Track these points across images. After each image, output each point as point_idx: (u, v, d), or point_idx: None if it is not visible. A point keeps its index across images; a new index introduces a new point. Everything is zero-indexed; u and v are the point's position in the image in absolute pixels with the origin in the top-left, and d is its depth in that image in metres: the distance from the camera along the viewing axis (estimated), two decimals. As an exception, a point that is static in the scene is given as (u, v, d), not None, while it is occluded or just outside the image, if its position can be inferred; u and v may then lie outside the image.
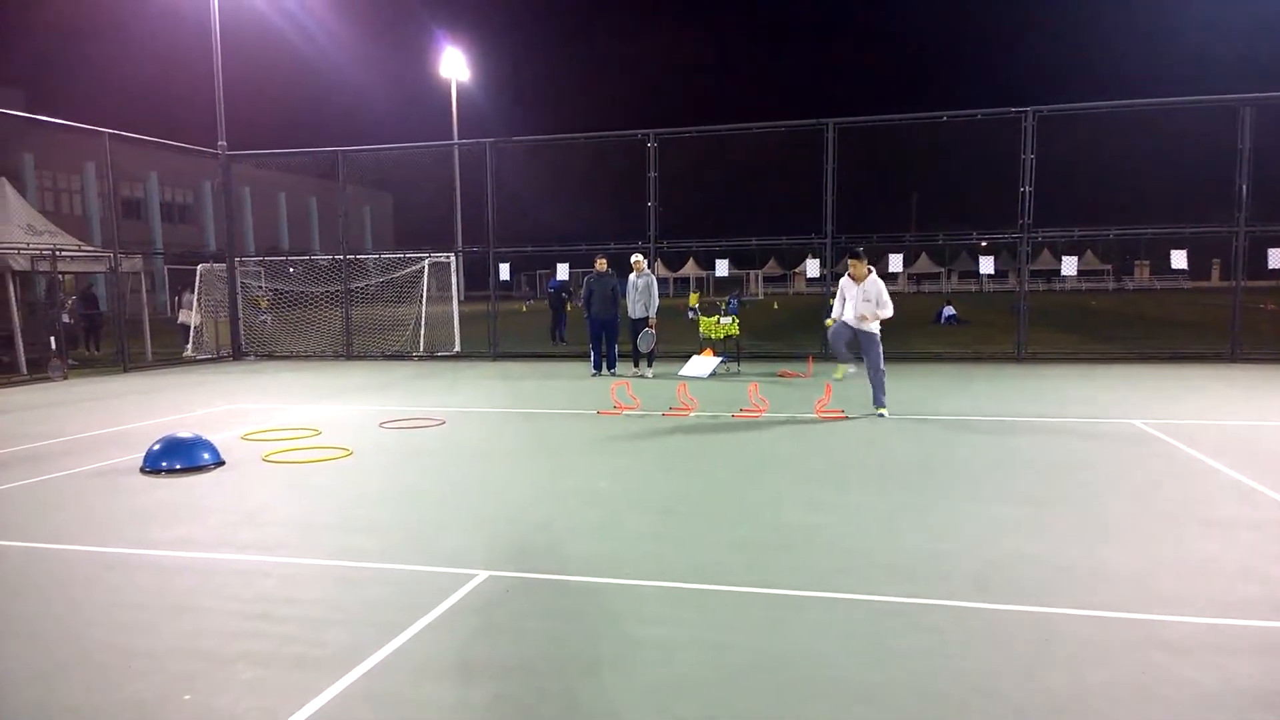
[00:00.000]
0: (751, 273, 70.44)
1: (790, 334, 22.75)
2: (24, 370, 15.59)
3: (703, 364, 14.19)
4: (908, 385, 12.46)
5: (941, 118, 15.73)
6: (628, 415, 10.07)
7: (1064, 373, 13.69)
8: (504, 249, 17.81)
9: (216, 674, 3.49)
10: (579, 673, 3.45)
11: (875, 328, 9.82)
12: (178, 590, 4.48)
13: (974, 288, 64.58)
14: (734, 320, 14.73)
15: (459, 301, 19.61)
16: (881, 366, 9.87)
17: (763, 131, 16.89)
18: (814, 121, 15.95)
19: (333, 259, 19.54)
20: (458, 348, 18.82)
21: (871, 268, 10.01)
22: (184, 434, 7.66)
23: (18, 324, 16.09)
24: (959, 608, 4.04)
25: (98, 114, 17.24)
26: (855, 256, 9.96)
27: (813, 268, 16.88)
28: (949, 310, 27.81)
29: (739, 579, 4.45)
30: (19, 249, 15.74)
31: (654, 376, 13.80)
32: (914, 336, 22.13)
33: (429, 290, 19.29)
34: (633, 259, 14.13)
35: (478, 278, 19.85)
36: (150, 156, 44.44)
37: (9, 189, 17.49)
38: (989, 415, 9.69)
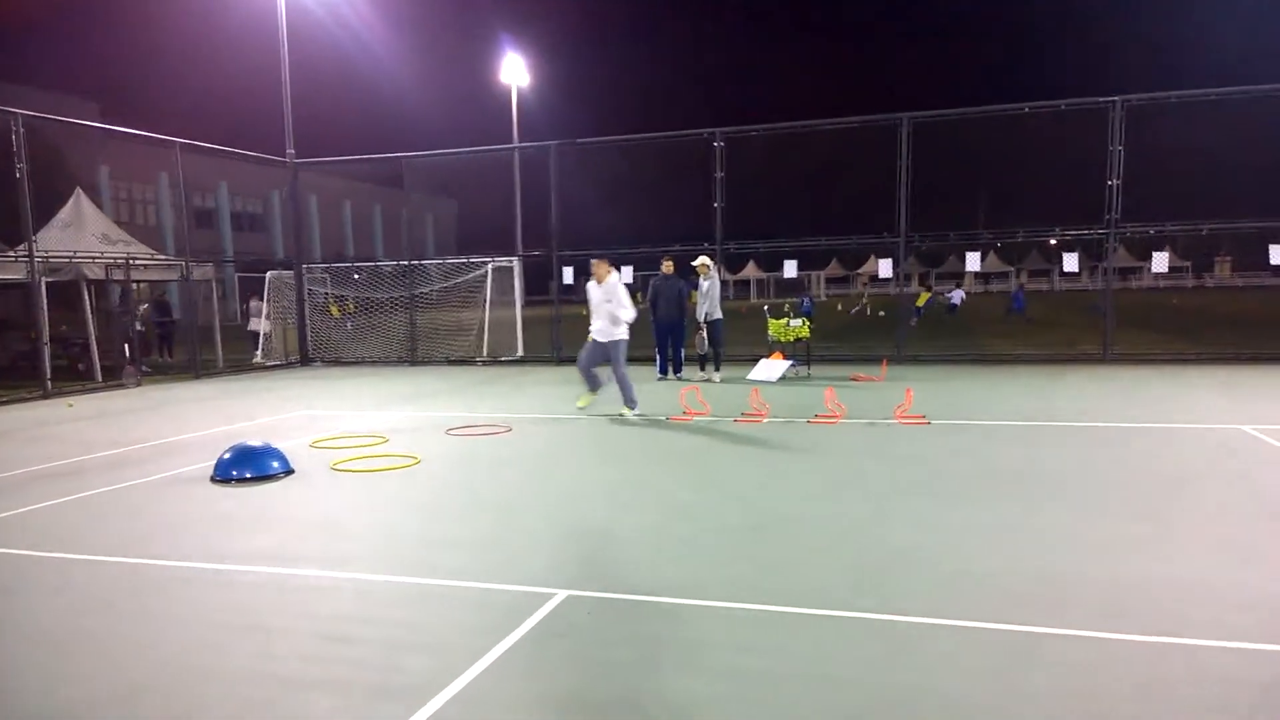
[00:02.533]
0: (814, 274, 69.58)
1: (861, 336, 22.19)
2: (99, 377, 15.90)
3: (772, 367, 13.81)
4: (990, 389, 11.91)
5: (1023, 109, 15.09)
6: (698, 421, 9.76)
7: (1155, 374, 12.96)
8: (567, 252, 17.66)
9: (292, 700, 3.29)
10: (676, 708, 3.14)
11: (622, 333, 10.10)
12: (250, 607, 4.31)
13: (1044, 287, 62.72)
14: (804, 322, 14.31)
15: (521, 306, 19.52)
16: (624, 368, 10.16)
17: (832, 129, 16.40)
18: (888, 116, 15.44)
19: (396, 265, 19.63)
20: (520, 352, 18.72)
21: (613, 269, 10.24)
22: (254, 442, 7.58)
23: (93, 331, 16.45)
24: (1094, 639, 3.62)
25: (169, 126, 17.64)
26: (598, 259, 10.25)
27: (885, 267, 16.34)
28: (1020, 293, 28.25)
29: (843, 603, 4.10)
30: (94, 258, 16.08)
31: (722, 381, 13.47)
32: (990, 337, 21.39)
33: (492, 295, 19.25)
34: (696, 263, 13.82)
35: (538, 282, 19.76)
36: (220, 167, 45.58)
37: (84, 200, 17.96)
38: (1082, 420, 9.13)
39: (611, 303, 9.98)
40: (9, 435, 10.30)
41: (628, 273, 18.19)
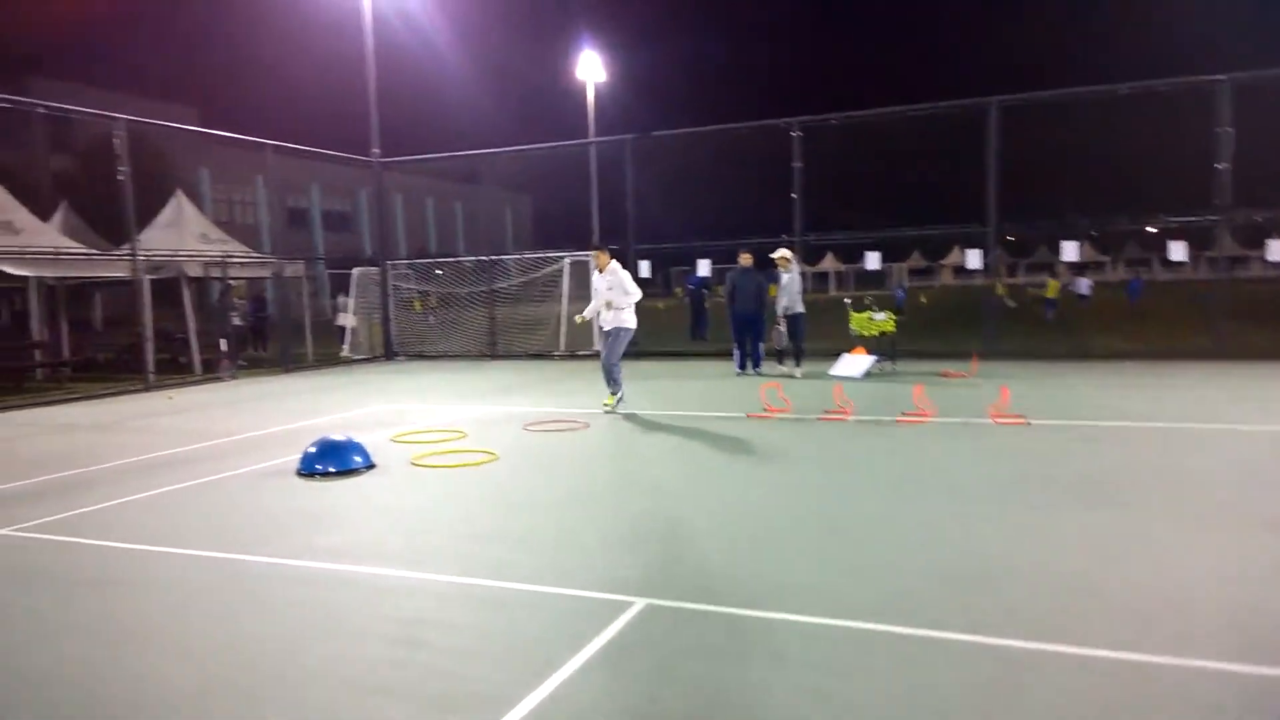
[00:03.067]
0: (895, 265, 67.98)
1: (948, 330, 21.47)
2: (198, 371, 16.51)
3: (856, 363, 13.41)
4: (1092, 386, 11.29)
5: (1121, 90, 14.27)
6: (780, 418, 9.51)
7: (1273, 371, 12.10)
8: (644, 245, 17.53)
9: (360, 706, 3.22)
10: (760, 732, 2.96)
11: (629, 320, 10.22)
12: (326, 606, 4.28)
13: (1144, 277, 59.80)
14: (889, 316, 13.86)
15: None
16: (617, 361, 10.28)
17: (914, 115, 15.83)
18: (976, 100, 14.82)
19: (477, 260, 19.85)
20: (597, 346, 18.68)
21: (614, 259, 10.35)
22: (337, 437, 7.67)
23: (192, 327, 17.08)
24: (1235, 674, 3.24)
25: (263, 131, 18.23)
26: (597, 247, 10.43)
27: (973, 258, 15.70)
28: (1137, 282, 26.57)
29: (940, 620, 3.82)
30: (193, 256, 16.67)
31: (803, 376, 13.15)
32: (1089, 330, 20.43)
33: (569, 289, 19.27)
34: (775, 255, 13.54)
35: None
36: (312, 169, 47.01)
37: (185, 201, 18.64)
38: (1196, 422, 8.54)
39: (614, 290, 10.12)
40: (112, 427, 10.72)
41: (704, 265, 18.02)
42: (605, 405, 10.40)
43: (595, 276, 10.40)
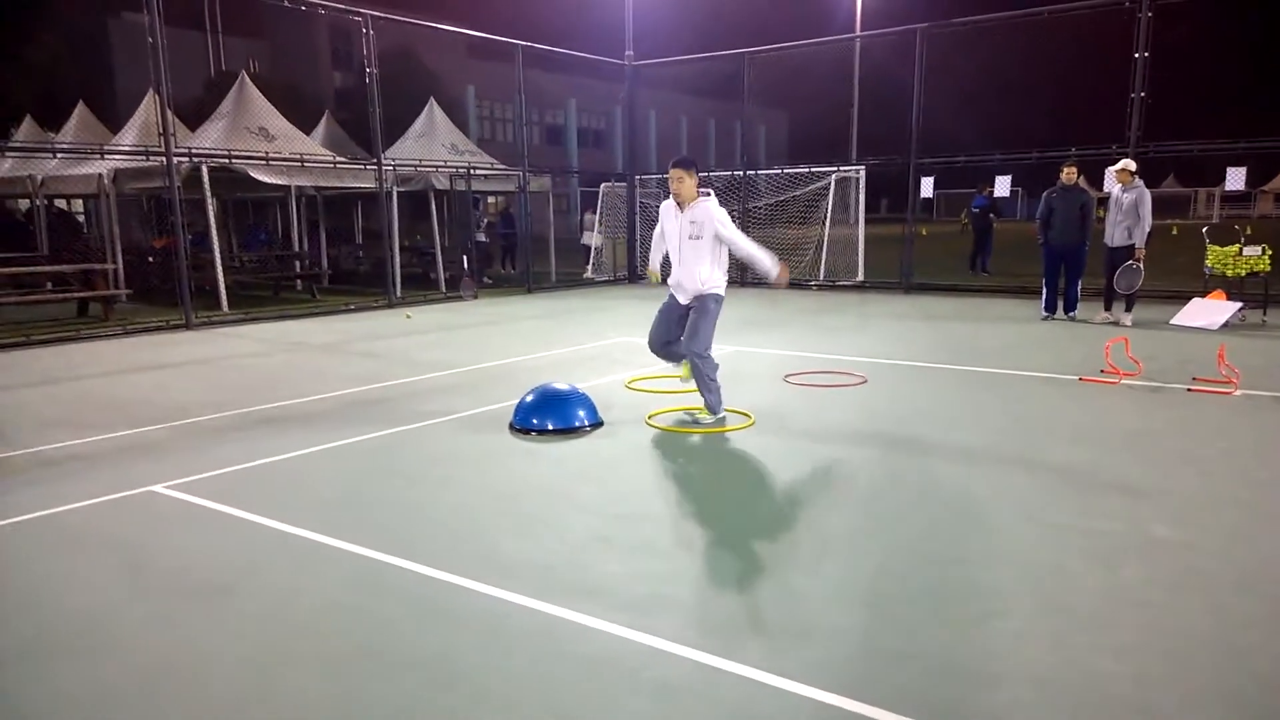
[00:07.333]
0: (1199, 190, 58.55)
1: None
2: (442, 288, 16.18)
3: (1211, 310, 10.36)
4: None
5: None
6: (1129, 386, 7.08)
7: None
8: (926, 160, 14.86)
9: None
10: None
11: (718, 286, 6.07)
12: (515, 675, 2.83)
13: None
14: (1264, 251, 10.54)
15: (864, 223, 17.12)
16: (707, 351, 6.09)
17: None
18: None
19: (731, 176, 18.04)
20: (861, 276, 16.48)
21: (708, 190, 6.02)
22: (560, 385, 6.34)
23: (439, 242, 16.75)
24: None
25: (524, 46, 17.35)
26: (678, 165, 5.96)
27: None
28: None
29: None
30: (436, 167, 16.17)
31: (1133, 325, 10.34)
32: None
33: (832, 210, 17.11)
34: (1118, 167, 10.58)
35: (871, 198, 17.25)
36: (569, 84, 46.87)
37: (437, 110, 18.26)
38: None
39: (703, 240, 5.95)
40: (338, 349, 10.19)
41: (1003, 183, 15.07)
42: (681, 377, 6.80)
43: (666, 210, 6.23)
